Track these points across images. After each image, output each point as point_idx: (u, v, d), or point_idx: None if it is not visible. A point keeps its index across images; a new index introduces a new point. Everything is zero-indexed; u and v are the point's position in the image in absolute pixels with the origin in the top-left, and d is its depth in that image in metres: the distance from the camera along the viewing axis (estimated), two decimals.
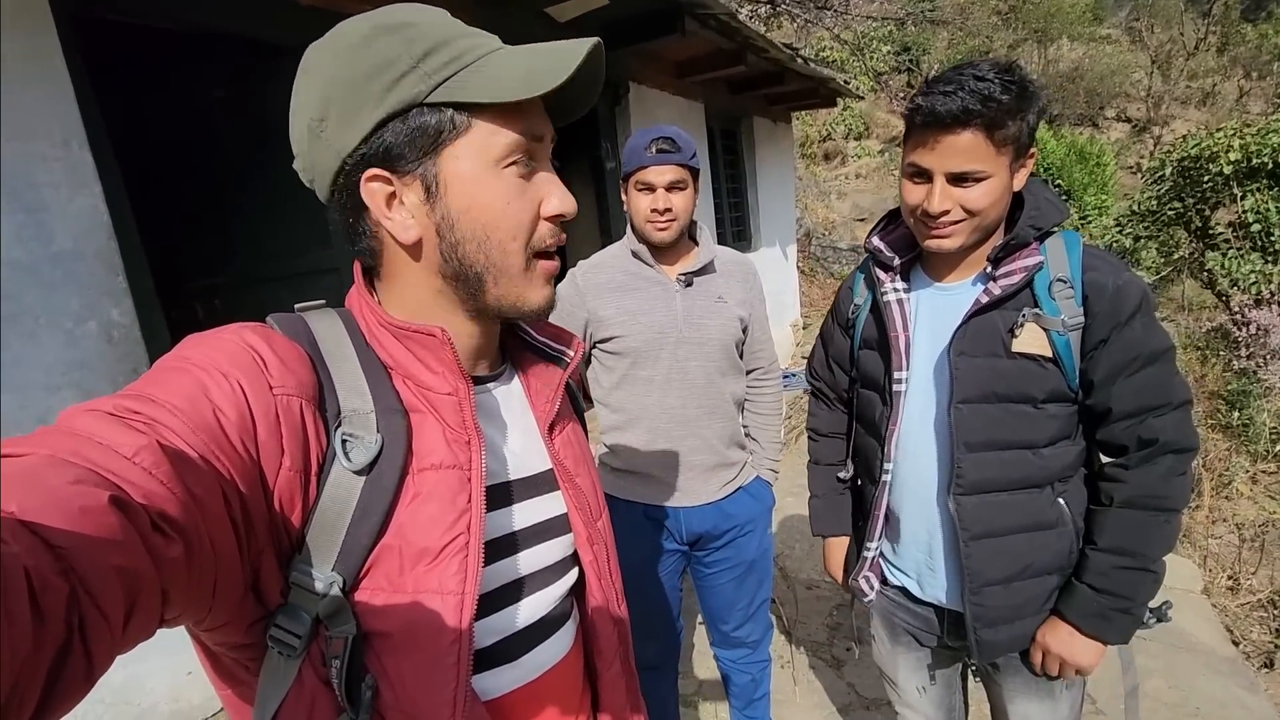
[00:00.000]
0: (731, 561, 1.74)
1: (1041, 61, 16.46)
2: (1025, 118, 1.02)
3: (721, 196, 5.09)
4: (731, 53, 3.98)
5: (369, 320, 0.62)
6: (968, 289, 1.17)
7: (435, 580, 0.56)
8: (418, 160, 0.57)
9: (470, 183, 0.57)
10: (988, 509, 1.14)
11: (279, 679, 0.53)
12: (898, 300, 1.22)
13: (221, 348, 0.52)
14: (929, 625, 1.32)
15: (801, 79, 4.89)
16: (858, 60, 13.19)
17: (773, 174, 5.94)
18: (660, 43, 3.45)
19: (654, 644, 1.78)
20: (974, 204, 1.06)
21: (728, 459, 1.68)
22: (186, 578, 0.42)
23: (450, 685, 0.56)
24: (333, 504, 0.54)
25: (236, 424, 0.48)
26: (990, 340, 1.11)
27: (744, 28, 3.63)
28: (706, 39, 3.67)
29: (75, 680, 0.35)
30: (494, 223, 0.59)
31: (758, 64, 4.27)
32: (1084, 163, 11.10)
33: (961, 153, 1.03)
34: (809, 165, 13.75)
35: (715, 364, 1.62)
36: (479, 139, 0.57)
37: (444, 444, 0.59)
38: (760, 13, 8.45)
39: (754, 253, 5.60)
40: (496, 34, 0.59)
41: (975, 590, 1.17)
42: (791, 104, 5.80)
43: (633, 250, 1.62)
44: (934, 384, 1.18)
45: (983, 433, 1.13)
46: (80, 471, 0.38)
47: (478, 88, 0.55)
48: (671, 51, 3.89)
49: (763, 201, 5.71)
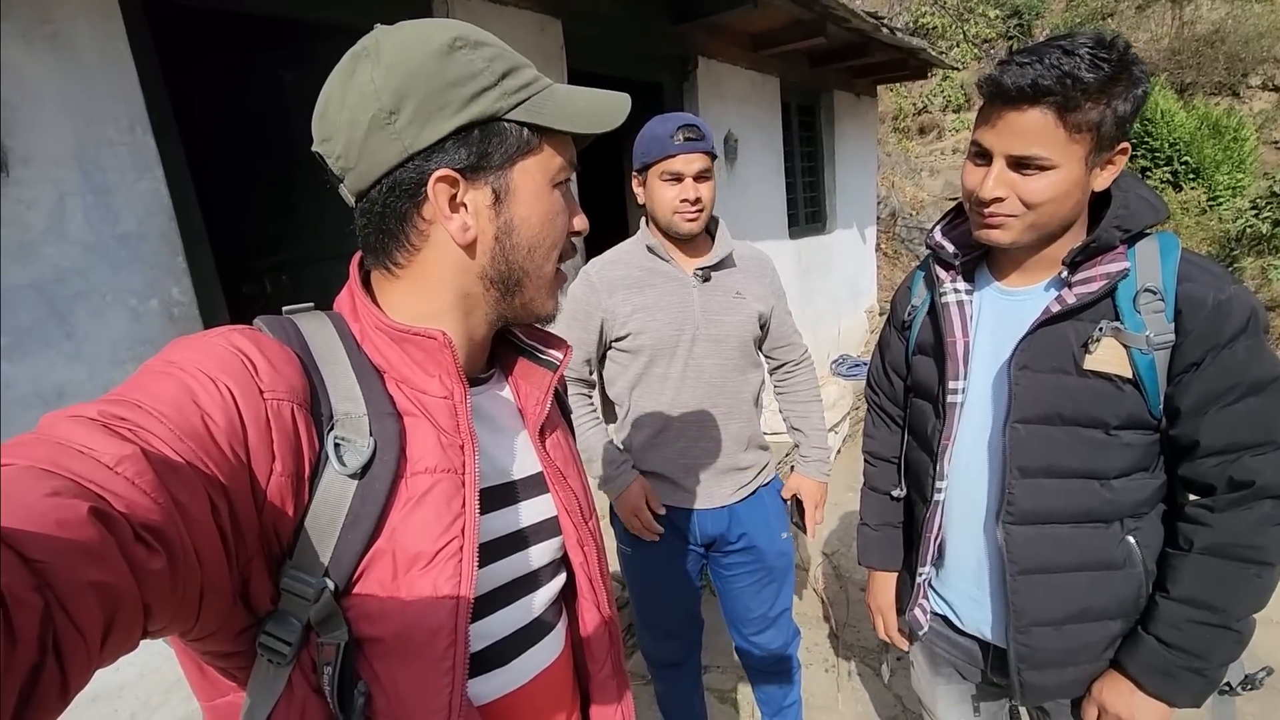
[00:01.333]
0: (748, 566, 1.70)
1: (1175, 23, 14.81)
2: (1111, 104, 0.88)
3: (796, 176, 4.87)
4: (810, 23, 3.76)
5: (364, 322, 0.63)
6: (1037, 294, 1.04)
7: (429, 585, 0.56)
8: (492, 168, 0.60)
9: (533, 195, 0.62)
10: (1042, 542, 1.03)
11: (268, 687, 0.53)
12: (957, 302, 1.10)
13: (210, 352, 0.51)
14: (971, 658, 1.22)
15: (888, 50, 4.58)
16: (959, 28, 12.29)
17: (853, 151, 5.63)
18: (733, 14, 3.30)
19: (674, 642, 1.77)
20: (1032, 195, 0.94)
21: (742, 462, 1.63)
22: (170, 589, 0.42)
23: (445, 691, 0.56)
24: (325, 508, 0.54)
25: (225, 430, 0.48)
26: (1059, 355, 0.98)
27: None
28: (782, 9, 3.48)
29: (49, 700, 0.34)
30: (544, 233, 0.64)
31: (839, 35, 4.02)
32: (1218, 137, 9.98)
33: (1025, 133, 0.91)
34: (901, 140, 13.00)
35: (733, 361, 1.57)
36: (544, 158, 0.63)
37: (438, 448, 0.60)
38: None
39: (829, 235, 5.36)
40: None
41: (1022, 629, 1.06)
42: (878, 76, 5.45)
43: (648, 245, 1.57)
44: (991, 399, 1.06)
45: (1041, 457, 1.01)
46: (59, 482, 0.37)
47: (553, 114, 0.61)
48: (745, 23, 3.71)
49: (841, 180, 5.43)
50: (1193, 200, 9.46)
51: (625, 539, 1.69)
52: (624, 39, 3.20)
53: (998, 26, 14.31)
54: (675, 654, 1.79)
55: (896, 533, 1.35)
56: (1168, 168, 9.91)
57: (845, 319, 5.64)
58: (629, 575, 1.74)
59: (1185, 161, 9.84)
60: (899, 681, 2.42)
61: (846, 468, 4.44)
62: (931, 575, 1.23)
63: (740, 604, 1.75)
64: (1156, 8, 15.35)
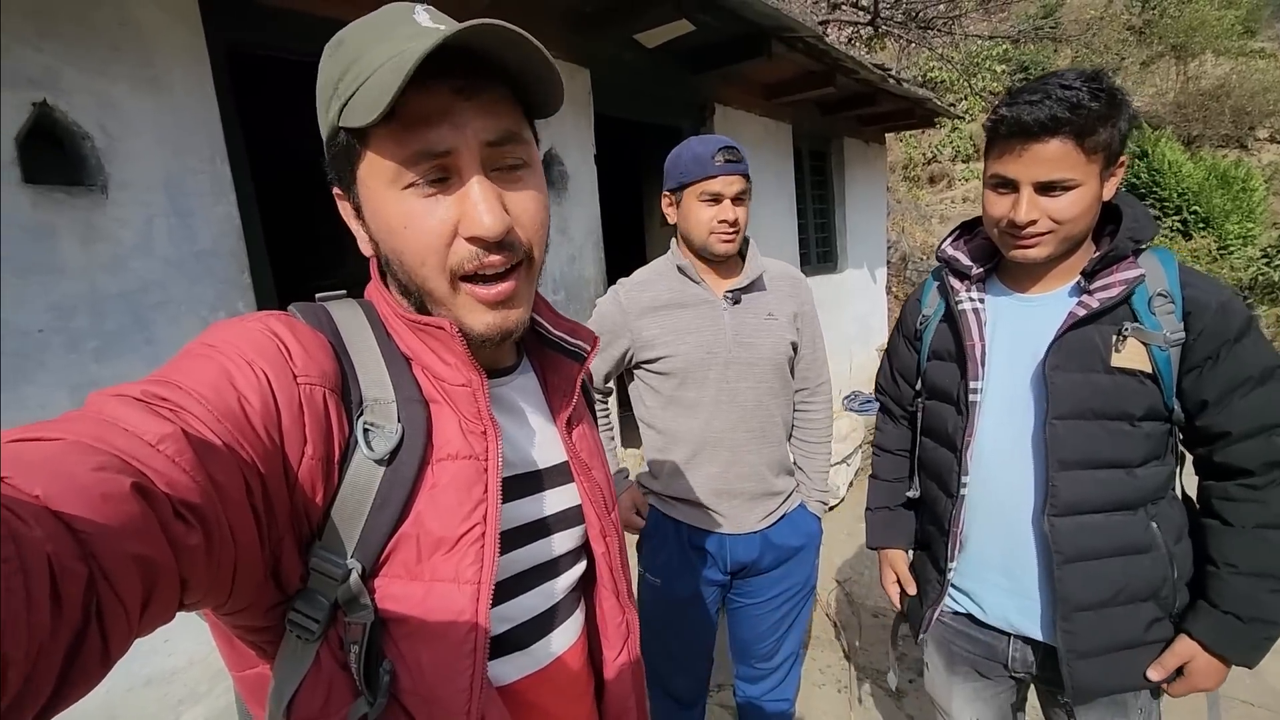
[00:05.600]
0: (771, 592, 1.67)
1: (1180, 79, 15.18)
2: (1116, 124, 1.01)
3: (807, 217, 5.07)
4: (821, 74, 3.99)
5: (386, 311, 0.63)
6: (1058, 301, 1.14)
7: (452, 569, 0.57)
8: (348, 182, 0.59)
9: (375, 204, 0.57)
10: (1083, 531, 1.10)
11: (296, 662, 0.54)
12: (973, 309, 1.20)
13: (247, 336, 0.52)
14: (991, 653, 1.26)
15: (895, 99, 4.82)
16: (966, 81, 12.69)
17: (863, 195, 5.84)
18: (748, 65, 3.52)
19: (686, 678, 1.71)
20: (1062, 214, 1.05)
21: (774, 487, 1.61)
22: (206, 565, 0.43)
23: (467, 672, 0.57)
24: (353, 492, 0.54)
25: (260, 412, 0.49)
26: (1088, 355, 1.08)
27: (832, 50, 3.65)
28: (794, 61, 3.71)
29: (91, 664, 0.35)
30: (399, 246, 0.57)
31: (848, 85, 4.26)
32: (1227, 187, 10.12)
33: (1050, 161, 1.02)
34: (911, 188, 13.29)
35: (766, 384, 1.55)
36: (372, 163, 0.56)
37: (460, 435, 0.60)
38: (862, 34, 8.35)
39: (840, 274, 5.52)
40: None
41: (1067, 616, 1.11)
42: (886, 124, 5.70)
43: (679, 265, 1.55)
44: (1023, 399, 1.14)
45: (1078, 450, 1.09)
46: (104, 458, 0.38)
47: (351, 113, 0.53)
48: (760, 74, 3.95)
49: (851, 223, 5.63)
50: (1203, 248, 9.55)
51: (653, 570, 1.66)
52: (647, 87, 3.43)
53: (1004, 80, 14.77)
54: (685, 691, 1.72)
55: (894, 514, 1.46)
56: (1177, 216, 10.04)
57: (857, 356, 5.75)
58: (650, 605, 1.69)
59: (1195, 211, 9.96)
60: (910, 702, 2.46)
61: (859, 499, 4.49)
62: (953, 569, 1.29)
63: (755, 630, 1.71)
64: (1161, 64, 15.78)
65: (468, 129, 0.54)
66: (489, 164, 0.57)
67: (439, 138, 0.54)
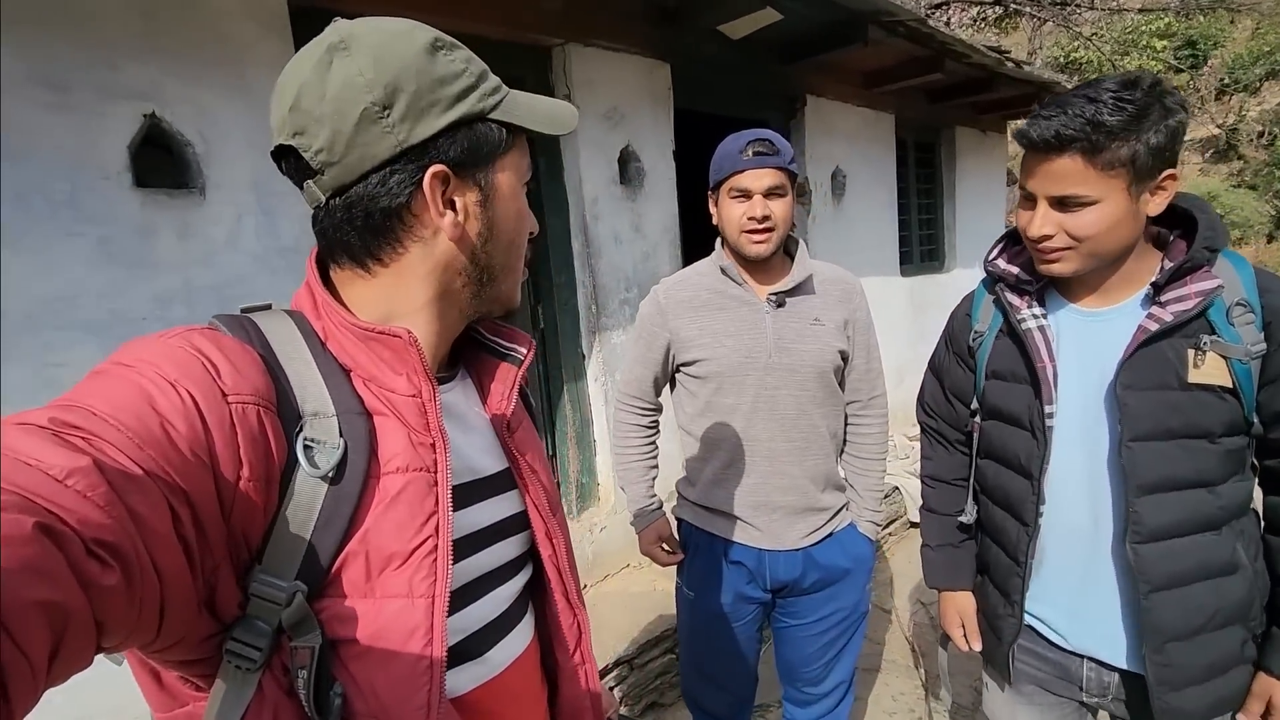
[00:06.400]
0: (816, 615, 1.58)
1: None
2: (1141, 139, 0.95)
3: (911, 213, 4.76)
4: (926, 60, 3.72)
5: (330, 321, 0.61)
6: (1124, 315, 1.07)
7: (404, 584, 0.56)
8: (479, 166, 0.62)
9: (510, 193, 0.65)
10: (1170, 556, 1.05)
11: (236, 694, 0.51)
12: (1039, 327, 1.13)
13: (167, 354, 0.49)
14: (1064, 673, 1.20)
15: (1017, 84, 4.41)
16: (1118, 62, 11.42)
17: (978, 189, 5.40)
18: (843, 53, 3.33)
19: (726, 696, 1.66)
20: (1081, 230, 1.01)
21: (819, 503, 1.52)
22: (126, 604, 0.40)
23: (424, 689, 0.56)
24: (296, 512, 0.53)
25: (187, 436, 0.46)
26: (1161, 371, 1.02)
27: (938, 32, 3.38)
28: (895, 47, 3.49)
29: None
30: (519, 229, 0.68)
31: (959, 70, 3.94)
32: None
33: (1059, 177, 1.00)
34: None
35: (809, 393, 1.47)
36: (517, 158, 0.65)
37: (408, 446, 0.59)
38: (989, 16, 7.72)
39: (947, 274, 5.14)
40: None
41: (1158, 648, 1.06)
42: (1007, 112, 5.23)
43: (721, 266, 1.49)
44: (1095, 421, 1.09)
45: (1157, 472, 1.04)
46: (3, 497, 0.35)
47: (525, 116, 0.64)
48: (856, 61, 3.74)
49: (962, 219, 5.22)
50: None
51: (689, 582, 1.61)
52: (732, 80, 3.34)
53: (1165, 58, 13.13)
54: (725, 710, 1.66)
55: (958, 551, 1.36)
56: None
57: None
58: (685, 618, 1.66)
59: None
60: None
61: None
62: None
63: (801, 654, 1.62)
64: None
65: None
66: None
67: None
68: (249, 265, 1.88)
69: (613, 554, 2.89)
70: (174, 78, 1.73)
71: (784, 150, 1.40)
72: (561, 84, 2.64)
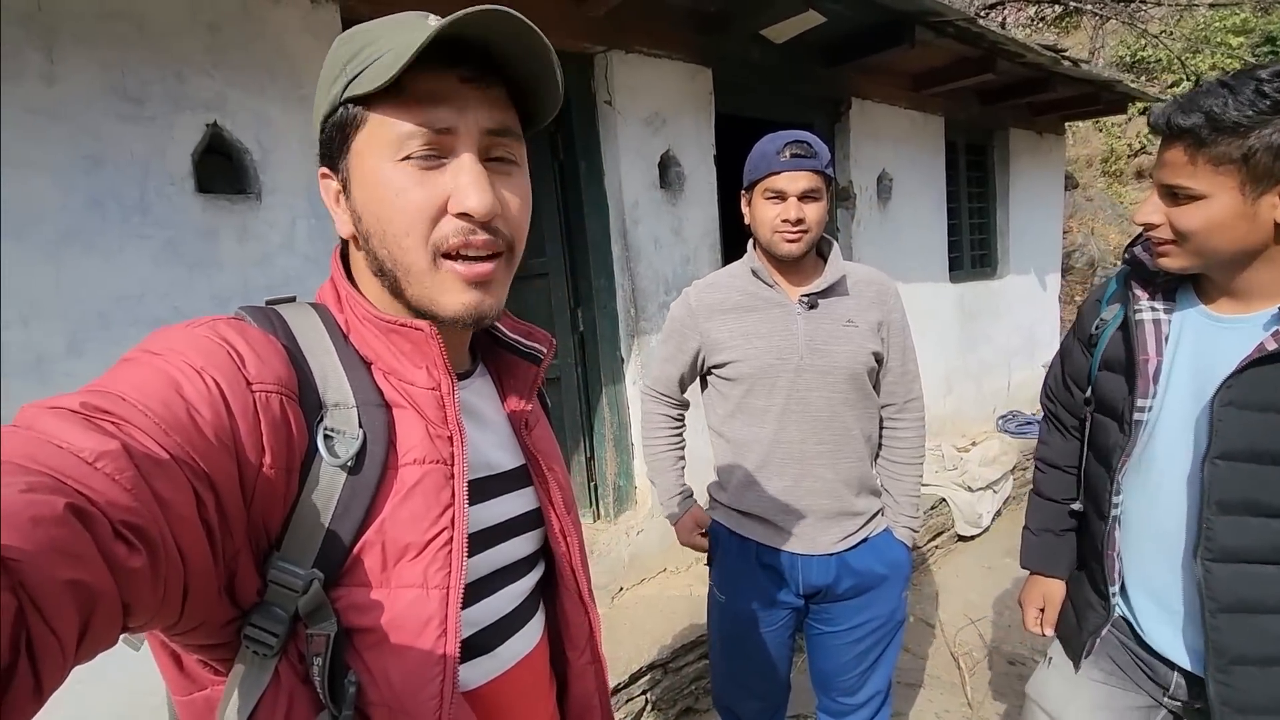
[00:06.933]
0: (851, 623, 1.55)
1: None
2: (1261, 137, 0.90)
3: (960, 217, 4.63)
4: (977, 60, 3.63)
5: (352, 313, 0.62)
6: (1250, 325, 1.01)
7: (419, 575, 0.56)
8: (339, 156, 0.59)
9: (367, 174, 0.57)
10: (1246, 580, 1.02)
11: (253, 679, 0.52)
12: (1154, 320, 1.11)
13: (194, 343, 0.50)
14: (1152, 672, 1.18)
15: (1074, 84, 4.25)
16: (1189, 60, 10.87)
17: (1033, 192, 5.22)
18: (889, 55, 3.28)
19: (756, 703, 1.64)
20: (1181, 224, 0.99)
21: (853, 507, 1.50)
22: (151, 586, 0.41)
23: (437, 680, 0.56)
24: (314, 500, 0.53)
25: (212, 423, 0.47)
26: (1272, 393, 0.97)
27: (988, 32, 3.30)
28: (944, 47, 3.42)
29: (22, 701, 0.33)
30: (387, 216, 0.57)
31: (1012, 70, 3.83)
32: None
33: (1168, 166, 0.99)
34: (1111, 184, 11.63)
35: (841, 394, 1.46)
36: (372, 131, 0.56)
37: (426, 439, 0.59)
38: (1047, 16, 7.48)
39: (999, 280, 4.98)
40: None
41: (1223, 669, 1.04)
42: (1065, 112, 5.04)
43: (752, 268, 1.50)
44: (1190, 429, 1.05)
45: (1244, 493, 1.00)
46: (35, 478, 0.36)
47: (359, 82, 0.55)
48: (904, 63, 3.67)
49: (1015, 224, 5.05)
50: None
51: (721, 585, 1.61)
52: (775, 84, 3.32)
53: (1243, 55, 12.43)
54: (753, 715, 1.65)
55: (1058, 540, 1.37)
56: None
57: (1018, 372, 5.15)
58: (716, 622, 1.65)
59: None
60: None
61: (1006, 530, 4.03)
62: None
63: (835, 663, 1.59)
64: None
65: (469, 113, 0.56)
66: (484, 151, 0.58)
67: (442, 115, 0.55)
68: (302, 266, 1.97)
69: (650, 557, 2.88)
70: (236, 89, 1.83)
71: (821, 153, 1.40)
72: (603, 90, 2.68)
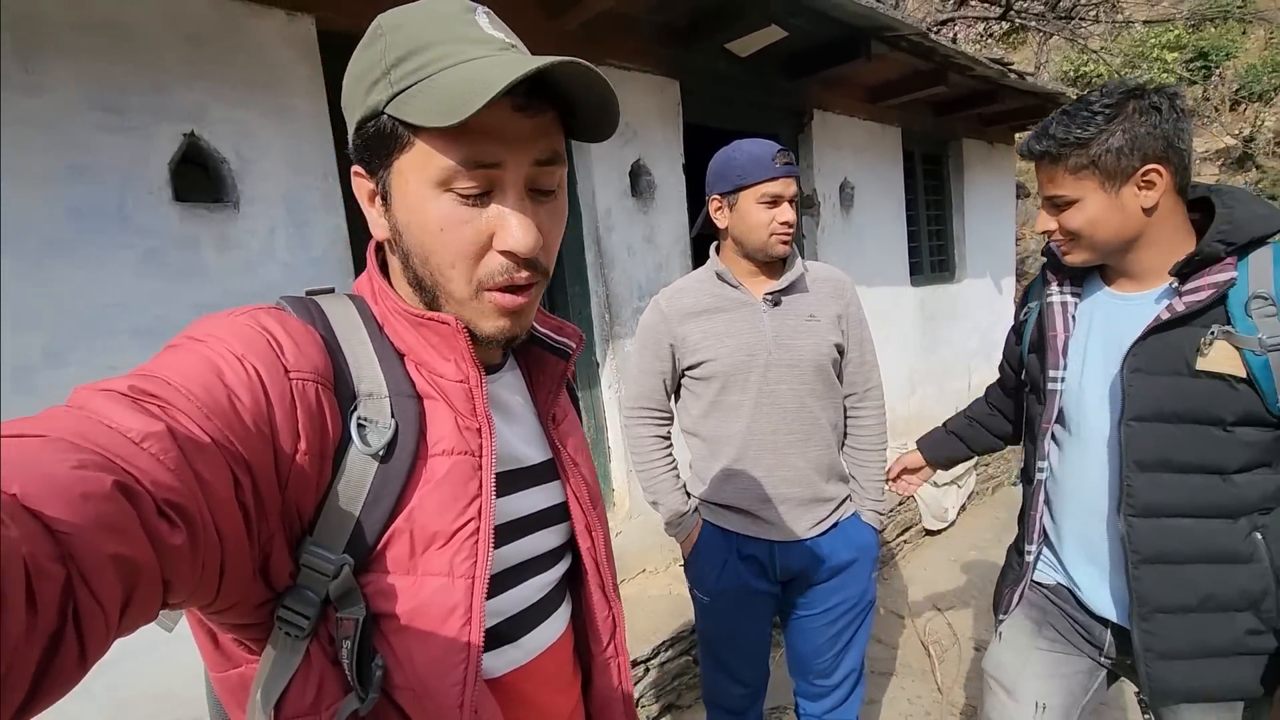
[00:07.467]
0: (825, 606, 1.63)
1: None
2: (1101, 143, 1.07)
3: (920, 224, 4.81)
4: (930, 73, 3.80)
5: (384, 306, 0.63)
6: (1148, 301, 1.15)
7: (445, 563, 0.57)
8: (378, 166, 0.59)
9: (411, 199, 0.57)
10: (1163, 533, 1.11)
11: (285, 660, 0.54)
12: (1061, 302, 1.26)
13: (236, 330, 0.52)
14: (1088, 632, 1.29)
15: (1022, 96, 4.48)
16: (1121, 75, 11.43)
17: (987, 200, 5.45)
18: (848, 68, 3.42)
19: (739, 688, 1.70)
20: (1068, 225, 1.15)
21: (824, 493, 1.59)
22: (190, 564, 0.42)
23: (461, 666, 0.57)
24: (346, 487, 0.54)
25: (251, 408, 0.48)
26: (1171, 358, 1.08)
27: (940, 46, 3.47)
28: (899, 61, 3.58)
29: (67, 668, 0.35)
30: (430, 245, 0.58)
31: (963, 83, 4.02)
32: None
33: (1044, 183, 1.17)
34: None
35: (808, 386, 1.54)
36: (419, 158, 0.55)
37: (455, 430, 0.60)
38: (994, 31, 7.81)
39: (957, 284, 5.17)
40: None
41: (1145, 616, 1.14)
42: (1014, 123, 5.29)
43: (717, 272, 1.57)
44: (1108, 396, 1.18)
45: (1156, 452, 1.11)
46: (86, 455, 0.38)
47: (412, 107, 0.53)
48: (862, 76, 3.83)
49: (971, 230, 5.26)
50: None
51: (702, 587, 1.66)
52: (740, 96, 3.44)
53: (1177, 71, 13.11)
54: (738, 701, 1.72)
55: (947, 437, 1.71)
56: None
57: (977, 373, 5.34)
58: (702, 622, 1.71)
59: None
60: None
61: (971, 524, 4.17)
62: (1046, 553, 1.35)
63: (811, 645, 1.67)
64: None
65: (519, 145, 0.56)
66: (529, 182, 0.58)
67: (493, 150, 0.55)
68: (282, 275, 1.99)
69: (629, 557, 2.94)
70: (218, 101, 1.85)
71: (794, 160, 1.54)
72: None
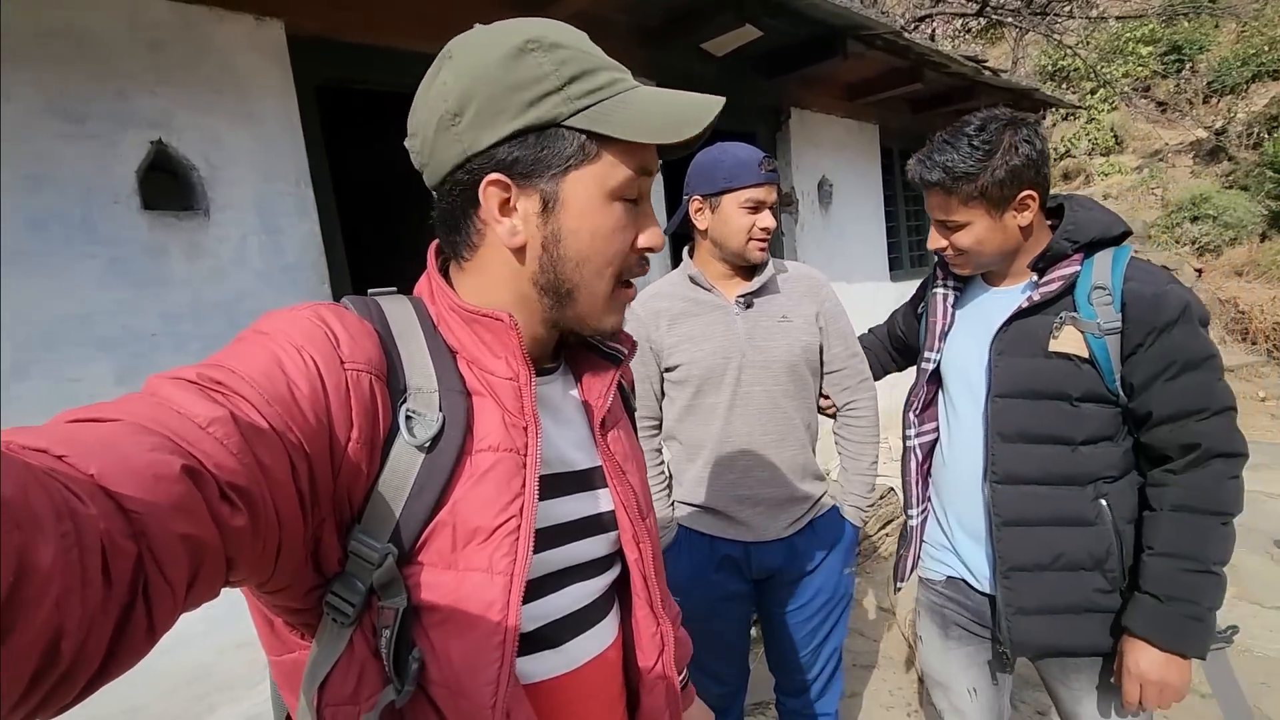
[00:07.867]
0: (802, 599, 1.64)
1: None
2: (987, 177, 1.16)
3: (899, 219, 4.86)
4: (906, 70, 3.84)
5: (439, 304, 0.65)
6: (1015, 294, 1.30)
7: (485, 559, 0.58)
8: (543, 175, 0.60)
9: (585, 207, 0.61)
10: (1021, 498, 1.24)
11: (331, 646, 0.56)
12: (943, 294, 1.40)
13: (297, 324, 0.54)
14: (981, 616, 1.38)
15: (997, 93, 4.53)
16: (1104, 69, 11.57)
17: None
18: (825, 66, 3.45)
19: (718, 687, 1.71)
20: (958, 244, 1.26)
21: (799, 493, 1.59)
22: (251, 545, 0.44)
23: (494, 664, 0.57)
24: (393, 477, 0.56)
25: (309, 397, 0.50)
26: (1030, 342, 1.22)
27: (915, 44, 3.50)
28: (875, 59, 3.60)
29: (137, 638, 0.37)
30: (596, 248, 0.62)
31: (939, 80, 4.06)
32: None
33: (936, 208, 1.26)
34: None
35: (781, 386, 1.55)
36: (602, 169, 0.60)
37: (502, 427, 0.61)
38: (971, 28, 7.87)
39: None
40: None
41: (1006, 574, 1.26)
42: None
43: (690, 275, 1.58)
44: (981, 375, 1.29)
45: (1017, 425, 1.24)
46: (157, 439, 0.40)
47: (620, 123, 0.59)
48: (839, 74, 3.86)
49: None
50: None
51: (674, 588, 1.60)
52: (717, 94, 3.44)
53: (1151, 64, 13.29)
54: (716, 701, 1.71)
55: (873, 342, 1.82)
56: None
57: None
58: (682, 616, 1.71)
59: None
60: None
61: None
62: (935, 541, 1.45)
63: (789, 640, 1.68)
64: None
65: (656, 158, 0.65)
66: None
67: (652, 162, 0.64)
68: (254, 283, 1.97)
69: None
70: (183, 107, 1.83)
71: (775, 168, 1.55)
72: None
